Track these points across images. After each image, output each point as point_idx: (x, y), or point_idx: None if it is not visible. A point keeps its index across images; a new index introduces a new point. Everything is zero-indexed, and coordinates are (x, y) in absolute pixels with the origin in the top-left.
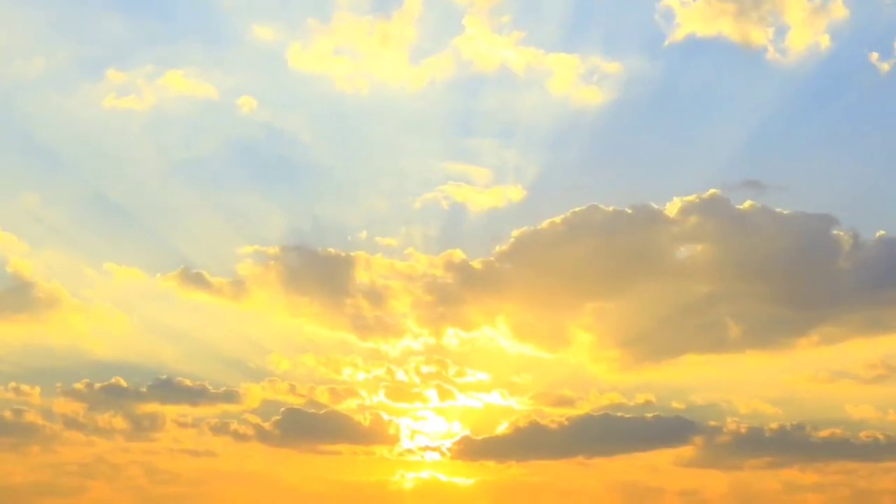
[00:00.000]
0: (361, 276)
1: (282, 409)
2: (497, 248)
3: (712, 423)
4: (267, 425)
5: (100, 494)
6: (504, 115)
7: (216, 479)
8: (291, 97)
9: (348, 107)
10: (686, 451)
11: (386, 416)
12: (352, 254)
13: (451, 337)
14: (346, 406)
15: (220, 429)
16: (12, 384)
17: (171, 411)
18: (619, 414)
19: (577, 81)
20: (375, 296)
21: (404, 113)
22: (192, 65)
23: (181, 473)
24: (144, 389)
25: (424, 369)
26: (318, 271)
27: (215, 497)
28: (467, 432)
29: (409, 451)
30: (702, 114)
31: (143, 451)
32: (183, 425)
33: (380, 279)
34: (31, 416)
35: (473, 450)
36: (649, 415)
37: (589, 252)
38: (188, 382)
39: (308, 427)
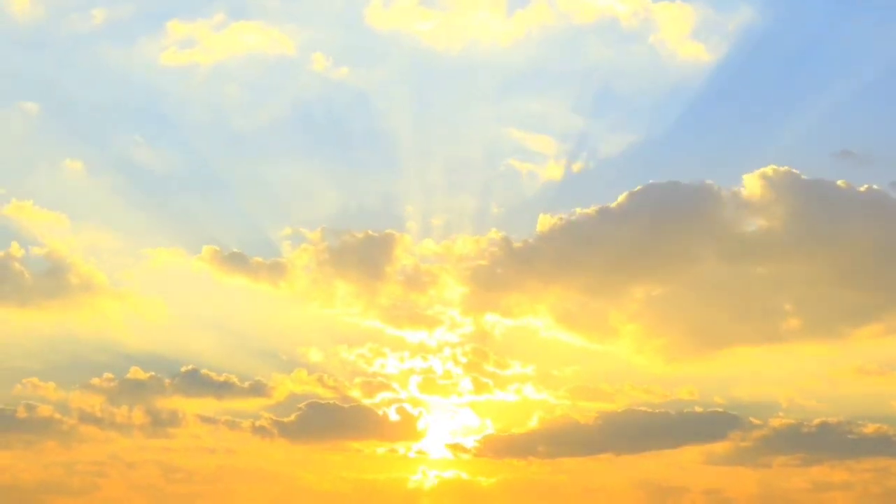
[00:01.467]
0: (403, 261)
1: (303, 404)
2: (543, 229)
3: (752, 419)
4: (288, 421)
5: (111, 493)
6: (597, 74)
7: (231, 478)
8: (371, 55)
9: (433, 65)
10: (717, 448)
11: (414, 411)
12: (395, 235)
13: (492, 326)
14: (378, 399)
15: (241, 424)
16: (31, 379)
17: (193, 405)
18: (654, 410)
19: (685, 36)
20: (417, 282)
21: (493, 72)
22: (264, 17)
23: (196, 472)
24: (167, 382)
25: (462, 360)
26: (358, 255)
27: (228, 496)
28: (495, 428)
29: (435, 447)
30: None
31: (160, 448)
32: (205, 420)
33: (423, 263)
34: (48, 412)
35: (498, 447)
36: (686, 410)
37: (644, 232)
38: (213, 375)
39: (331, 422)
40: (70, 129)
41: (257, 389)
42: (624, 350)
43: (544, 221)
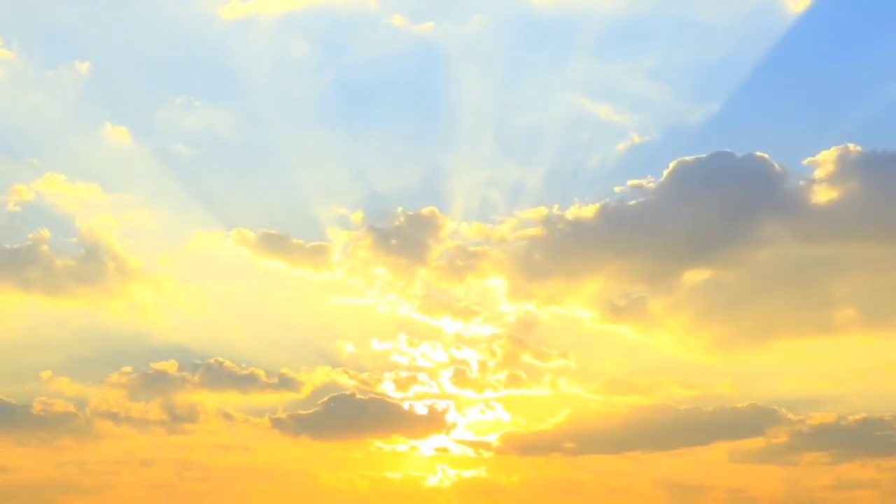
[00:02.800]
0: (446, 244)
1: (323, 400)
2: (587, 209)
3: (790, 415)
4: (310, 417)
5: (123, 493)
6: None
7: (247, 477)
8: (459, 7)
9: (527, 21)
10: (748, 445)
11: (442, 407)
12: (438, 218)
13: (532, 315)
14: (411, 393)
15: (262, 421)
16: (50, 373)
17: (216, 400)
18: (689, 405)
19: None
20: (457, 269)
21: (587, 31)
22: None
23: (212, 470)
24: (190, 376)
25: (499, 352)
26: (399, 239)
27: (241, 496)
28: (521, 425)
29: (458, 444)
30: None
31: (176, 445)
32: (225, 416)
33: (469, 245)
34: (66, 408)
35: (522, 444)
36: (722, 406)
37: (695, 212)
38: (237, 369)
39: (354, 418)
40: (118, 90)
41: (285, 384)
42: (666, 341)
43: (585, 209)
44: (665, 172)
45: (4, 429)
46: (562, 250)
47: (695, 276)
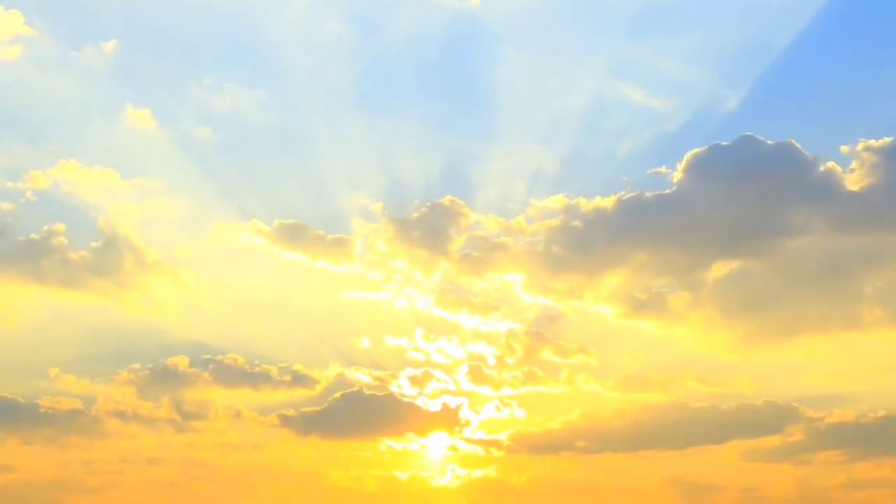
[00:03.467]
0: (467, 234)
1: (334, 397)
2: (610, 199)
3: (810, 412)
4: (320, 415)
5: (128, 492)
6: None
7: (254, 476)
8: None
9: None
10: (762, 443)
11: (455, 404)
12: (459, 210)
13: (551, 309)
14: (428, 391)
15: (272, 419)
16: (57, 370)
17: (227, 398)
18: (707, 402)
19: None
20: (476, 262)
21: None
22: None
23: (219, 469)
24: (201, 373)
25: (517, 347)
26: (420, 230)
27: (247, 495)
28: (534, 423)
29: (469, 443)
30: None
31: (183, 444)
32: (235, 414)
33: (492, 237)
34: (74, 405)
35: (533, 443)
36: (739, 403)
37: (722, 201)
38: (248, 364)
39: (364, 416)
40: (143, 71)
41: (298, 380)
42: (688, 337)
43: (608, 199)
44: (690, 159)
45: (11, 427)
46: (583, 242)
47: (720, 269)
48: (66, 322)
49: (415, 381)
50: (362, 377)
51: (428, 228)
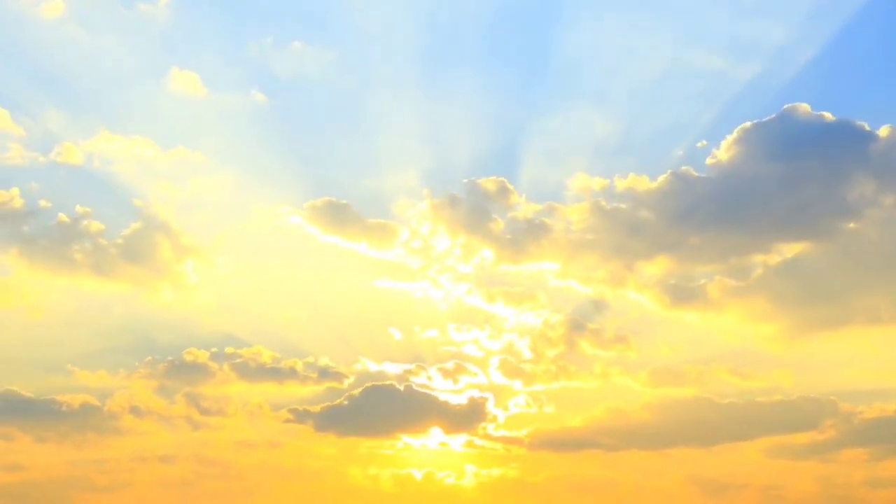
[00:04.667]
0: (509, 215)
1: (356, 393)
2: (662, 177)
3: (846, 407)
4: (342, 411)
5: (140, 490)
6: None
7: (270, 475)
8: None
9: None
10: (792, 440)
11: (481, 399)
12: (505, 192)
13: (590, 299)
14: (460, 385)
15: (291, 414)
16: (72, 366)
17: (249, 392)
18: (740, 398)
19: None
20: (515, 250)
21: None
22: None
23: (234, 467)
24: (226, 367)
25: (553, 340)
26: (462, 210)
27: (261, 494)
28: (557, 419)
29: (492, 439)
30: None
31: (199, 441)
32: (255, 412)
33: (536, 218)
34: (90, 401)
35: (555, 440)
36: (784, 398)
37: (776, 179)
38: (272, 358)
39: (386, 412)
40: (195, 29)
41: (325, 375)
42: (731, 328)
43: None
44: (740, 134)
45: (25, 424)
46: (628, 225)
47: (772, 254)
48: (93, 313)
49: (446, 373)
50: (392, 370)
51: (471, 211)
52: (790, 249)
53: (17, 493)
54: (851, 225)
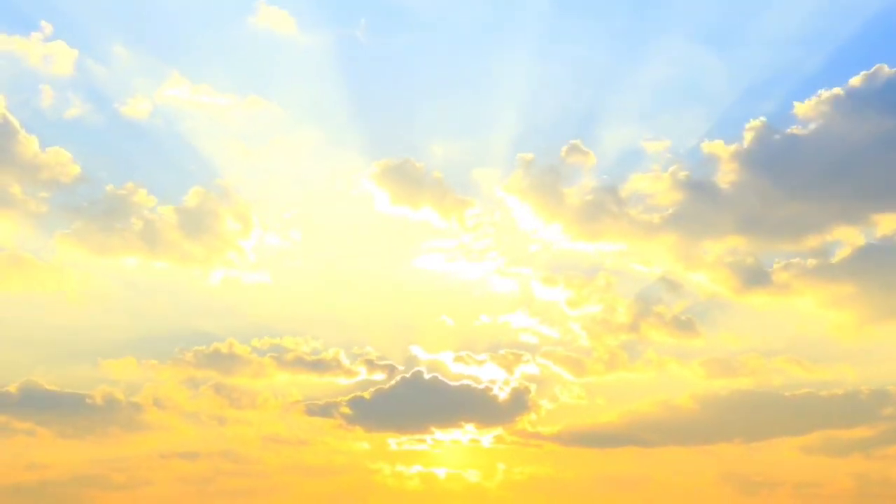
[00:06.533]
0: (584, 187)
1: (392, 385)
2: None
3: None
4: (372, 406)
5: (159, 490)
6: None
7: (295, 472)
8: None
9: None
10: (844, 434)
11: (522, 392)
12: (584, 157)
13: (657, 283)
14: (516, 375)
15: (322, 407)
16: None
17: (284, 385)
18: (796, 391)
19: None
20: (585, 231)
21: None
22: None
23: (258, 465)
24: (262, 359)
25: (613, 324)
26: (537, 183)
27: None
28: (608, 411)
29: (524, 434)
30: None
31: (226, 437)
32: (285, 407)
33: (605, 196)
34: (119, 396)
35: (594, 435)
36: (836, 391)
37: (863, 148)
38: (310, 350)
39: (422, 407)
40: None
41: (373, 366)
42: (803, 314)
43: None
44: (836, 92)
45: (44, 419)
46: (704, 199)
47: (861, 228)
48: (133, 299)
49: (500, 362)
50: (443, 359)
51: (543, 180)
52: (888, 223)
53: (35, 490)
54: None
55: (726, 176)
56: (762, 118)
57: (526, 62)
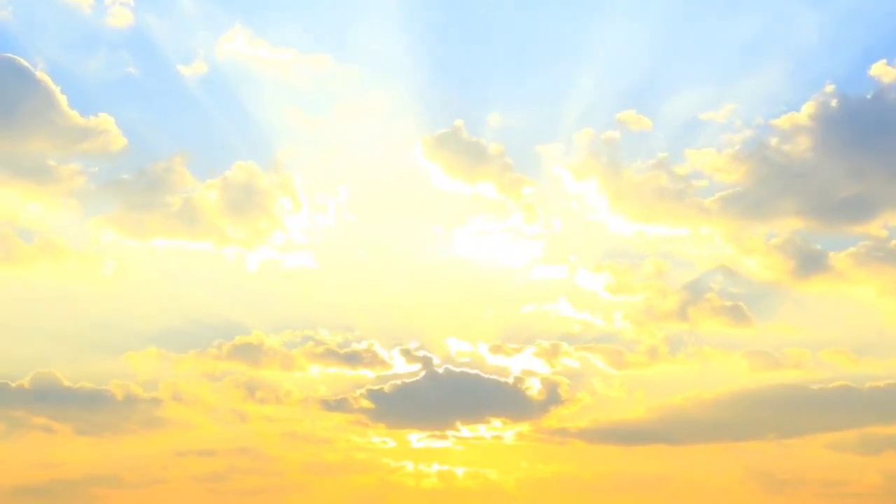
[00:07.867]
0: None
1: (415, 380)
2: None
3: None
4: (393, 402)
5: (173, 486)
6: None
7: (314, 470)
8: None
9: None
10: (870, 431)
11: (553, 388)
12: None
13: (710, 271)
14: (557, 369)
15: (340, 403)
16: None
17: (310, 379)
18: (839, 384)
19: None
20: (639, 215)
21: None
22: None
23: (276, 464)
24: (291, 352)
25: (658, 313)
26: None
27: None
28: (640, 407)
29: (548, 431)
30: None
31: (244, 434)
32: (306, 402)
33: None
34: (137, 392)
35: (621, 431)
36: (866, 386)
37: None
38: (335, 346)
39: (443, 402)
40: None
41: (411, 357)
42: (860, 302)
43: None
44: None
45: (61, 415)
46: (764, 176)
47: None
48: (165, 286)
49: (540, 354)
50: (482, 352)
51: (602, 164)
52: None
53: (49, 489)
54: None
55: (795, 149)
56: (832, 85)
57: (608, 30)
